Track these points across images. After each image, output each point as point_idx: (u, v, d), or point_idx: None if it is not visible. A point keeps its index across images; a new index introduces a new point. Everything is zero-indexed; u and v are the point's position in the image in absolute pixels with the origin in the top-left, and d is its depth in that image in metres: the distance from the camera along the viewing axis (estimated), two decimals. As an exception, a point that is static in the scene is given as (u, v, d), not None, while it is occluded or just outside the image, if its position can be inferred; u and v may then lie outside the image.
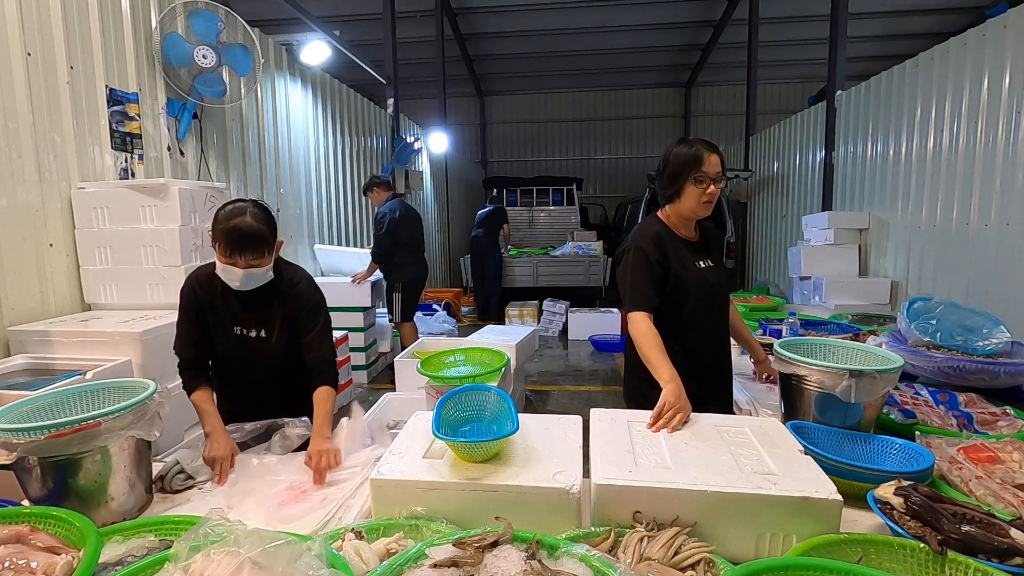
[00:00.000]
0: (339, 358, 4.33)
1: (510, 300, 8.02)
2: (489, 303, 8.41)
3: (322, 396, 1.68)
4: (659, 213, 1.93)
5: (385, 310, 5.35)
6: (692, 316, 1.82)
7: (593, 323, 6.93)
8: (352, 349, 4.85)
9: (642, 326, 1.69)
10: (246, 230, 1.56)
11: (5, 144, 2.44)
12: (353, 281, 4.98)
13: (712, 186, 1.76)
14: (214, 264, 1.65)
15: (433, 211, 9.83)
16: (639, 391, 1.81)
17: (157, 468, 1.45)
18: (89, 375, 2.04)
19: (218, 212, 1.61)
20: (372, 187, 5.03)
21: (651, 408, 1.43)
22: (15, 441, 1.14)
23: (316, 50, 5.18)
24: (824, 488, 1.07)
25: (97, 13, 2.90)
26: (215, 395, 1.76)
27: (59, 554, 0.96)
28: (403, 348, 4.29)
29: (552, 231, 10.39)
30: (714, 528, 1.07)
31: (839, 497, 1.05)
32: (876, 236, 5.25)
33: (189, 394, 1.72)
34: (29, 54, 2.54)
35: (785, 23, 9.73)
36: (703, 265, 1.88)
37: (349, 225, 6.32)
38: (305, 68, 5.28)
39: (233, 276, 1.59)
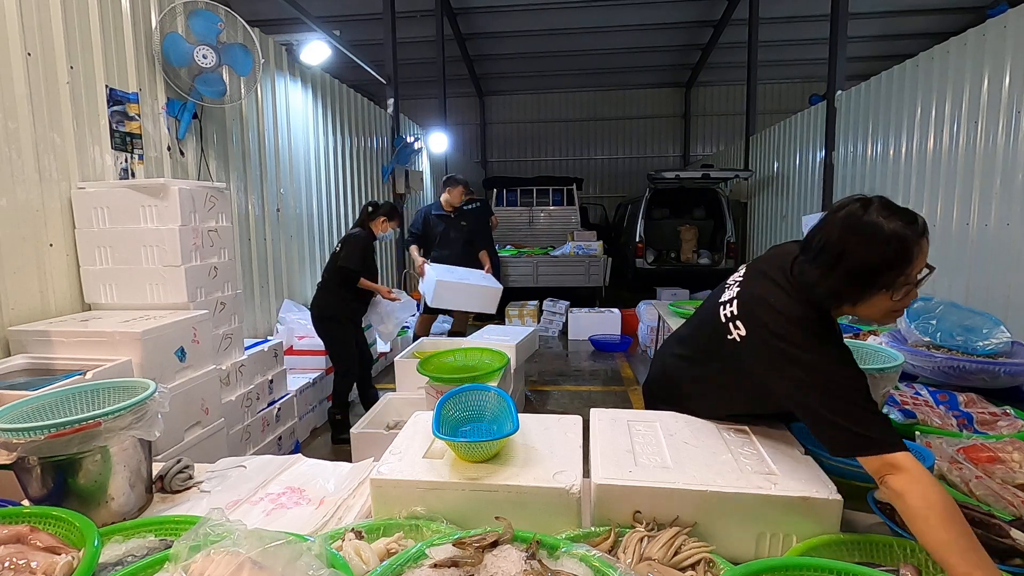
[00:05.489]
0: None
1: (510, 300, 8.02)
2: None
3: None
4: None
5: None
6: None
7: (593, 323, 6.93)
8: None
9: (938, 491, 0.97)
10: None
11: (5, 144, 2.44)
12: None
13: (915, 290, 1.13)
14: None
15: (433, 211, 9.82)
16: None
17: (157, 468, 1.45)
18: (89, 375, 2.04)
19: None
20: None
21: None
22: (15, 441, 1.14)
23: (316, 50, 5.17)
24: (824, 488, 1.07)
25: (97, 13, 2.90)
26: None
27: (59, 554, 0.96)
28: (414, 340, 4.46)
29: (552, 231, 10.39)
30: (714, 528, 1.07)
31: (839, 497, 1.05)
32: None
33: None
34: (29, 54, 2.54)
35: (785, 23, 9.74)
36: None
37: (349, 225, 6.31)
38: (305, 68, 5.28)
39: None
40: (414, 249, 5.04)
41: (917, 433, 1.55)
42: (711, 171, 8.53)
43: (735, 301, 1.33)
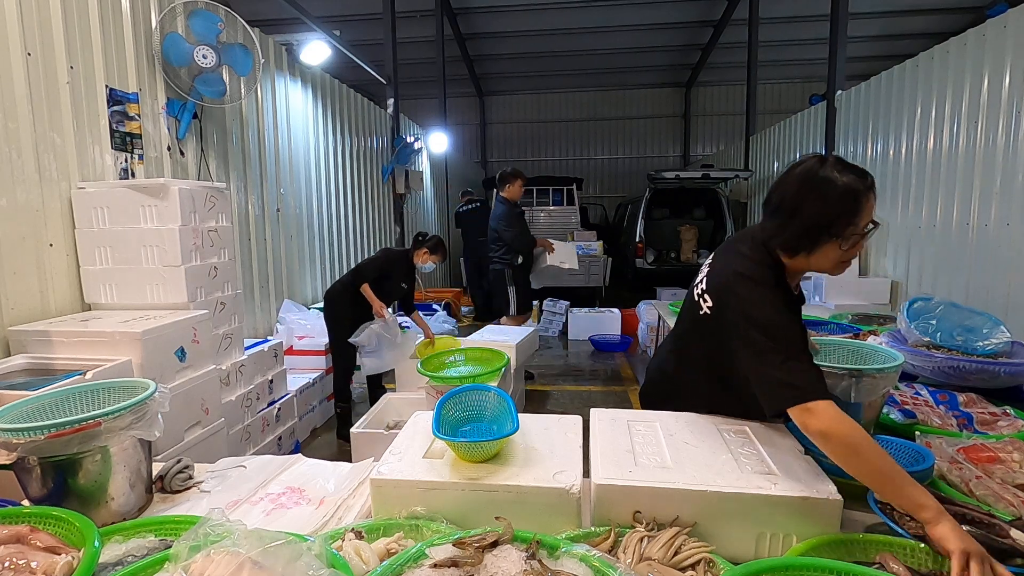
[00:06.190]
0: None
1: (510, 300, 8.01)
2: (492, 302, 8.42)
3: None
4: (777, 253, 1.33)
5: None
6: None
7: (593, 323, 6.93)
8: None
9: (857, 427, 1.08)
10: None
11: (5, 144, 2.44)
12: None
13: (862, 242, 1.24)
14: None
15: (433, 211, 9.83)
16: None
17: (157, 468, 1.45)
18: (89, 375, 2.04)
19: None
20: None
21: None
22: (15, 441, 1.14)
23: (316, 50, 5.17)
24: (824, 488, 1.07)
25: (97, 13, 2.90)
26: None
27: (59, 554, 0.96)
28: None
29: (552, 231, 10.36)
30: (714, 528, 1.07)
31: (839, 497, 1.05)
32: (876, 236, 5.22)
33: None
34: (29, 54, 2.54)
35: (785, 23, 9.74)
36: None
37: (349, 225, 6.32)
38: (305, 68, 5.28)
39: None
40: (538, 240, 5.38)
41: (917, 433, 1.55)
42: (711, 171, 8.53)
43: (704, 280, 1.43)
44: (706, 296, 1.39)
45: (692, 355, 1.50)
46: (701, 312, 1.39)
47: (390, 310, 3.91)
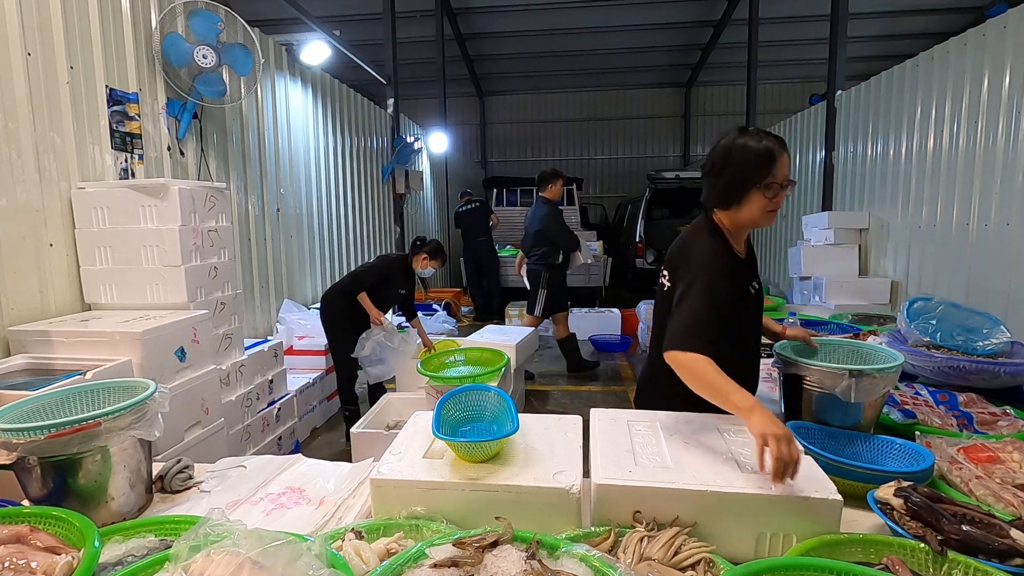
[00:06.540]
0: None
1: (510, 300, 8.01)
2: (491, 302, 8.43)
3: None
4: (715, 218, 1.55)
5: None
6: (734, 353, 1.48)
7: (593, 323, 6.92)
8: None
9: (700, 360, 1.31)
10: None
11: (5, 144, 2.44)
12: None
13: (782, 193, 1.45)
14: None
15: (433, 211, 9.83)
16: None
17: (157, 468, 1.45)
18: (89, 375, 2.04)
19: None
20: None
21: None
22: (15, 441, 1.14)
23: (316, 50, 5.17)
24: (824, 488, 1.07)
25: (97, 13, 2.90)
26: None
27: (59, 554, 0.96)
28: None
29: (552, 231, 10.37)
30: (714, 528, 1.07)
31: (839, 497, 1.05)
32: (876, 236, 5.25)
33: None
34: (29, 54, 2.54)
35: (785, 23, 9.73)
36: (753, 291, 1.58)
37: (349, 225, 6.32)
38: (305, 68, 5.28)
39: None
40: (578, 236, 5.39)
41: (917, 433, 1.55)
42: (711, 171, 8.51)
43: (664, 261, 1.61)
44: (664, 272, 1.58)
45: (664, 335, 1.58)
46: (665, 289, 1.55)
47: (389, 313, 3.88)
